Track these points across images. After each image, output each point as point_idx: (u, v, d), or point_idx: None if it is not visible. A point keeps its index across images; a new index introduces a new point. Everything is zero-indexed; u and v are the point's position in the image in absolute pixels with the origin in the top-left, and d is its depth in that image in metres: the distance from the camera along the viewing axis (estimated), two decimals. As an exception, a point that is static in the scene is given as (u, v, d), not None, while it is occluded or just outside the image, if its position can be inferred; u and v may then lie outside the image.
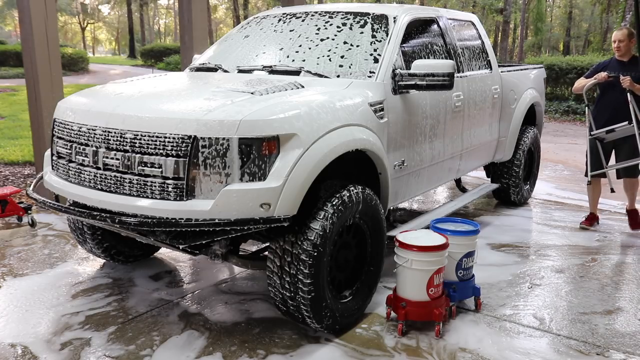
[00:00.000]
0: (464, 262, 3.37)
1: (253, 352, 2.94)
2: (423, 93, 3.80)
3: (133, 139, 2.75)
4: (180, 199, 2.65)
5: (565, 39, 40.81)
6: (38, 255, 4.34)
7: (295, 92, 3.10)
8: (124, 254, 4.03)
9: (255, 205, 2.64)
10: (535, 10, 31.40)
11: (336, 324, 3.05)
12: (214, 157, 2.62)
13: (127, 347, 2.98)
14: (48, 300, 3.55)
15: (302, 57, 3.73)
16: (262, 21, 4.39)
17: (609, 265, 4.27)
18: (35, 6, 5.26)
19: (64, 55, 24.27)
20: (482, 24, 5.28)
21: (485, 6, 33.11)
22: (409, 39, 3.96)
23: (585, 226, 5.16)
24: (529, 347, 3.04)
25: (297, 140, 2.73)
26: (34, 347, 2.98)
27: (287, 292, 2.87)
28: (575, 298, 3.67)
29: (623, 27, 4.98)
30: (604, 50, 27.23)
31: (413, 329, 3.18)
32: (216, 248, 3.10)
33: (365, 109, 3.25)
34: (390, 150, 3.53)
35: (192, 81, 3.60)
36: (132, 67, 31.06)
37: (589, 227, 5.16)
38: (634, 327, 3.29)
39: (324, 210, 2.85)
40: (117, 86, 3.42)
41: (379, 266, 3.37)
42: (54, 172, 3.28)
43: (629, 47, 4.88)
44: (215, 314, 3.38)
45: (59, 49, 5.64)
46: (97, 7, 60.05)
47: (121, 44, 67.06)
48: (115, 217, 2.68)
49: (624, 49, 4.87)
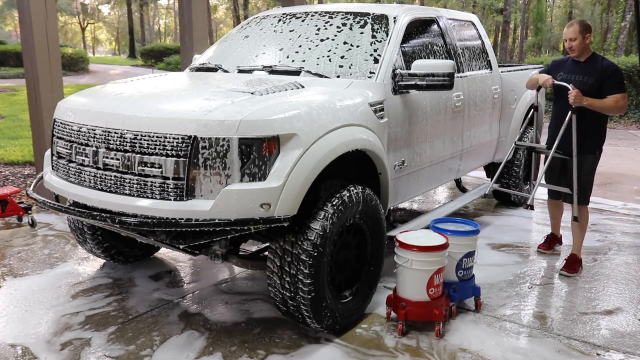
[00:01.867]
0: (464, 262, 3.37)
1: (253, 352, 2.94)
2: (423, 93, 3.80)
3: (133, 139, 2.75)
4: (181, 199, 2.65)
5: (565, 39, 40.71)
6: (38, 255, 4.34)
7: (296, 92, 3.10)
8: (124, 254, 4.03)
9: (256, 206, 2.64)
10: (535, 10, 31.42)
11: (336, 324, 3.05)
12: (214, 157, 2.62)
13: (127, 347, 2.98)
14: (48, 300, 3.55)
15: (302, 57, 3.73)
16: (262, 21, 4.39)
17: (609, 265, 4.27)
18: (35, 6, 5.25)
19: (64, 55, 24.28)
20: (482, 24, 5.28)
21: (485, 6, 33.14)
22: (409, 39, 3.96)
23: (542, 250, 4.46)
24: (530, 347, 3.04)
25: (297, 140, 2.73)
26: (34, 347, 2.98)
27: (287, 292, 2.87)
28: (575, 298, 3.67)
29: (574, 21, 3.98)
30: (603, 50, 27.23)
31: (413, 329, 3.18)
32: (216, 248, 3.10)
33: (365, 109, 3.25)
34: (390, 150, 3.52)
35: (192, 81, 3.60)
36: (132, 67, 31.08)
37: (546, 251, 4.46)
38: (634, 327, 3.29)
39: (324, 210, 2.85)
40: (117, 86, 3.42)
41: (379, 266, 3.37)
42: (54, 172, 3.28)
43: (583, 44, 3.92)
44: (215, 314, 3.38)
45: (59, 49, 5.64)
46: (97, 7, 60.07)
47: (121, 44, 67.07)
48: (115, 217, 2.68)
49: (578, 48, 3.92)
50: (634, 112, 13.78)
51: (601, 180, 7.21)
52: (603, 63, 3.91)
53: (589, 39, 3.93)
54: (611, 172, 7.72)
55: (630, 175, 7.61)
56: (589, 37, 3.92)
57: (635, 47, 20.62)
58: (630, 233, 5.06)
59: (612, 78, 3.84)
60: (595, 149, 4.01)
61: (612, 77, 3.84)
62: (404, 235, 3.23)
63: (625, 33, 20.63)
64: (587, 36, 3.92)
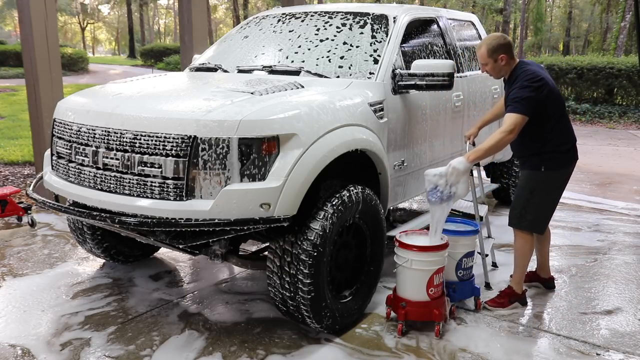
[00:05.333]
0: (464, 262, 3.37)
1: (253, 352, 2.94)
2: (423, 93, 3.80)
3: (133, 139, 2.75)
4: (180, 199, 2.65)
5: (565, 39, 40.79)
6: (38, 255, 4.34)
7: (295, 92, 3.10)
8: (124, 254, 4.03)
9: (255, 206, 2.64)
10: (535, 10, 31.42)
11: (336, 324, 3.05)
12: (214, 158, 2.62)
13: (127, 347, 2.98)
14: (48, 300, 3.55)
15: (302, 57, 3.73)
16: (261, 21, 4.39)
17: (609, 265, 4.27)
18: (35, 6, 5.25)
19: (63, 55, 24.27)
20: (482, 24, 5.28)
21: (485, 6, 33.16)
22: (409, 39, 3.96)
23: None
24: (529, 347, 3.04)
25: (297, 140, 2.73)
26: (34, 348, 2.97)
27: (287, 292, 2.87)
28: (575, 298, 3.67)
29: (482, 43, 3.37)
30: (603, 50, 27.26)
31: (413, 329, 3.18)
32: (216, 248, 3.10)
33: (365, 109, 3.25)
34: (390, 150, 3.52)
35: (191, 81, 3.60)
36: (131, 67, 31.06)
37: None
38: (634, 327, 3.29)
39: (323, 210, 2.85)
40: (116, 86, 3.42)
41: (378, 266, 3.37)
42: (54, 172, 3.28)
43: (497, 67, 3.33)
44: (215, 314, 3.38)
45: (59, 49, 5.64)
46: (97, 7, 60.05)
47: (121, 44, 67.05)
48: (115, 217, 2.68)
49: (494, 72, 3.38)
50: (633, 112, 13.79)
51: (601, 180, 7.22)
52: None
53: (504, 60, 3.30)
54: (611, 172, 7.72)
55: (630, 175, 7.61)
56: (504, 58, 3.30)
57: (635, 47, 20.63)
58: (630, 233, 5.06)
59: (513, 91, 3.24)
60: (538, 166, 3.34)
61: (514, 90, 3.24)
62: (404, 235, 3.23)
63: (625, 33, 20.65)
64: (502, 57, 3.30)
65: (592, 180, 7.11)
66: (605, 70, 13.99)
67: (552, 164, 3.33)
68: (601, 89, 14.48)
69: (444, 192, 3.16)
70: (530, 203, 3.39)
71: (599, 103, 14.44)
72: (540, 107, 3.20)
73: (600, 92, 14.63)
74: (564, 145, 3.33)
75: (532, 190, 3.38)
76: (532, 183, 3.38)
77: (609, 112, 13.80)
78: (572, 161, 3.42)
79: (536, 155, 3.35)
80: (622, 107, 14.16)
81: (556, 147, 3.32)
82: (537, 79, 3.20)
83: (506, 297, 3.50)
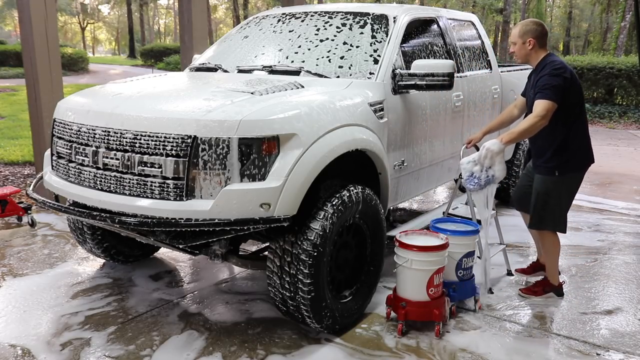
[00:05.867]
0: (464, 262, 3.37)
1: (253, 352, 2.94)
2: (423, 93, 3.80)
3: (133, 139, 2.75)
4: (180, 199, 2.65)
5: (565, 39, 40.78)
6: (38, 255, 4.33)
7: (295, 92, 3.10)
8: (124, 254, 4.03)
9: (255, 205, 2.63)
10: (535, 10, 31.40)
11: (336, 324, 3.05)
12: (214, 158, 2.62)
13: (127, 347, 2.98)
14: (48, 300, 3.55)
15: (302, 57, 3.73)
16: (261, 21, 4.39)
17: (609, 265, 4.27)
18: (35, 6, 5.25)
19: (64, 55, 24.28)
20: (482, 24, 5.28)
21: (485, 6, 33.13)
22: (409, 39, 3.96)
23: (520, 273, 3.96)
24: (529, 347, 3.04)
25: (297, 140, 2.73)
26: (34, 348, 2.97)
27: (287, 292, 2.87)
28: (575, 298, 3.67)
29: (520, 22, 3.50)
30: (603, 50, 27.24)
31: (413, 329, 3.18)
32: (216, 248, 3.10)
33: (365, 109, 3.25)
34: (390, 150, 3.52)
35: (191, 81, 3.60)
36: (132, 67, 31.06)
37: (524, 275, 3.95)
38: (634, 327, 3.29)
39: (323, 210, 2.85)
40: (116, 86, 3.42)
41: (378, 266, 3.37)
42: (54, 172, 3.28)
43: (523, 50, 3.40)
44: (215, 314, 3.38)
45: (59, 49, 5.64)
46: (97, 7, 60.05)
47: (121, 44, 67.05)
48: (115, 217, 2.68)
49: (519, 54, 3.43)
50: (634, 112, 13.78)
51: (601, 180, 7.22)
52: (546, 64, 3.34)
53: (533, 45, 3.36)
54: (611, 172, 7.72)
55: (631, 175, 7.60)
56: (532, 43, 3.35)
57: (635, 47, 20.62)
58: (631, 233, 5.06)
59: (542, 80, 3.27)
60: (553, 171, 3.39)
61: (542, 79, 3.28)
62: (404, 235, 3.23)
63: (625, 33, 20.65)
64: (530, 41, 3.36)
65: (592, 180, 7.11)
66: (605, 70, 13.98)
67: (567, 168, 3.40)
68: (601, 89, 14.47)
69: (481, 178, 3.24)
70: (547, 205, 3.45)
71: (599, 103, 14.43)
72: (565, 97, 3.24)
73: (600, 92, 14.62)
74: (579, 151, 3.41)
75: (548, 193, 3.43)
76: (549, 187, 3.43)
77: (609, 112, 13.80)
78: (585, 165, 3.49)
79: (554, 158, 3.38)
80: (622, 107, 14.15)
81: (573, 151, 3.38)
82: (566, 70, 3.26)
83: (540, 287, 3.62)
